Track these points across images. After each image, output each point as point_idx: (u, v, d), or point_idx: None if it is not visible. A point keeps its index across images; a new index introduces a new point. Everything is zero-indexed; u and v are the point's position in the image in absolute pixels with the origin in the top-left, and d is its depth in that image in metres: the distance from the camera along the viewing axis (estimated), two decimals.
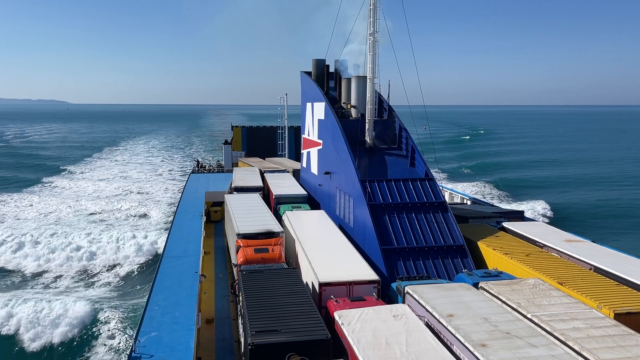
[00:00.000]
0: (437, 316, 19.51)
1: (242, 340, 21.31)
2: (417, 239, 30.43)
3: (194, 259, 30.88)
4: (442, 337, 18.90)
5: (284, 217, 36.15)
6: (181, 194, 53.53)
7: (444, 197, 33.72)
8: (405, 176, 34.63)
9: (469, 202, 52.67)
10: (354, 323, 19.22)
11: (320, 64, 48.57)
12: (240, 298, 23.33)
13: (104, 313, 42.80)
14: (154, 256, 58.46)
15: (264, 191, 48.54)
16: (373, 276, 24.68)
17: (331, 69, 48.62)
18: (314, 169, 46.53)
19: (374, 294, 23.72)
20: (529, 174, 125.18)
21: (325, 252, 28.16)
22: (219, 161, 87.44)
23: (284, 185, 47.53)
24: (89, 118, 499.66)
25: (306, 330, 18.97)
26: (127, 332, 39.88)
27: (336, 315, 20.31)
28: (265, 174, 53.82)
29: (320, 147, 43.87)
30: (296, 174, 55.33)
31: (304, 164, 51.03)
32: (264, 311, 20.60)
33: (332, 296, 22.95)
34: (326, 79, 48.39)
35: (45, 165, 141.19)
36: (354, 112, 41.88)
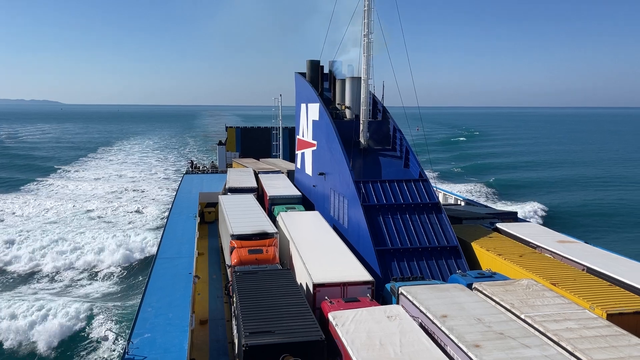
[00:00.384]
0: (431, 317, 19.56)
1: (236, 341, 21.28)
2: (411, 239, 30.46)
3: (188, 260, 30.78)
4: (435, 337, 18.94)
5: (278, 218, 36.10)
6: (175, 194, 53.36)
7: (438, 198, 33.83)
8: (400, 177, 34.67)
9: (462, 203, 52.84)
10: (348, 324, 19.24)
11: (314, 65, 48.50)
12: (234, 299, 23.29)
13: (97, 315, 42.53)
14: (148, 257, 58.19)
15: (258, 192, 48.47)
16: (367, 277, 24.70)
17: (325, 70, 48.62)
18: (308, 169, 46.51)
19: (368, 294, 23.75)
20: (522, 175, 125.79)
21: (320, 253, 28.15)
22: (213, 162, 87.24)
23: (278, 186, 47.51)
24: (83, 118, 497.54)
25: (300, 332, 18.97)
26: (120, 334, 39.65)
27: (330, 316, 20.32)
28: (259, 175, 53.76)
29: (315, 148, 43.85)
30: (290, 174, 55.31)
31: (298, 165, 51.00)
32: (258, 312, 20.58)
33: (326, 297, 22.94)
34: (320, 80, 48.34)
35: (37, 165, 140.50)
36: (348, 113, 41.90)
